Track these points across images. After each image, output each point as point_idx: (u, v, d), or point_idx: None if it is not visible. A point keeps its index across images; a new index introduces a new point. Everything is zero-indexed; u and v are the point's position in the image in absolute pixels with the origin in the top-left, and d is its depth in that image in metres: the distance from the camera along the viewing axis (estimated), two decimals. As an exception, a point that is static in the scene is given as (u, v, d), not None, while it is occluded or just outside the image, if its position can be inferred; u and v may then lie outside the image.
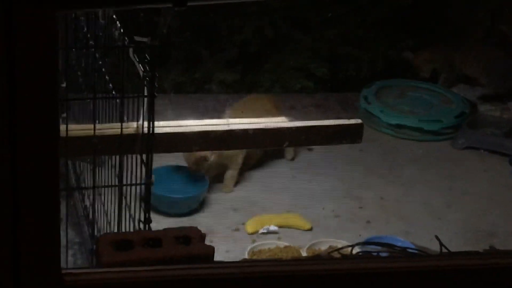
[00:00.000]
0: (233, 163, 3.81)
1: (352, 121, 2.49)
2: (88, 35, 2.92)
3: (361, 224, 3.67)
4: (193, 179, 3.71)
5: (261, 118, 2.48)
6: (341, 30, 4.78)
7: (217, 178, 3.84)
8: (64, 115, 3.73)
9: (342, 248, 2.31)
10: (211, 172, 3.77)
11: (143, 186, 2.48)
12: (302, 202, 3.77)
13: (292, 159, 4.07)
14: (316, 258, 2.11)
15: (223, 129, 2.38)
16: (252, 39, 4.65)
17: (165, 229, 1.93)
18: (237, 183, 3.87)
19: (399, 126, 4.40)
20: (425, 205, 3.84)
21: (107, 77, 2.72)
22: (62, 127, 2.35)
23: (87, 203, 3.23)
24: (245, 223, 3.59)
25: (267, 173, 4.00)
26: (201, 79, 4.60)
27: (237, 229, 3.57)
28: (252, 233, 3.55)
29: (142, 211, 2.44)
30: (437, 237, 2.02)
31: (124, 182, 2.59)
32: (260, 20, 4.66)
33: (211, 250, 1.85)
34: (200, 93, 4.59)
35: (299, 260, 2.00)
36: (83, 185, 3.26)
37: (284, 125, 2.43)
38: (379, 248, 2.19)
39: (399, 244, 2.85)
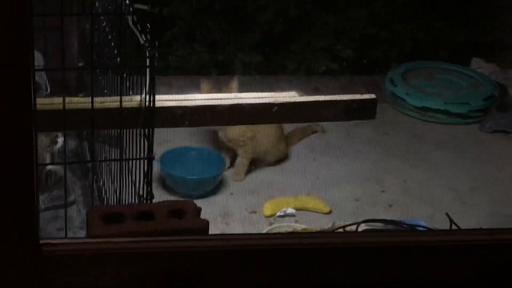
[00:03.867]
0: (242, 150, 3.72)
1: (365, 96, 2.38)
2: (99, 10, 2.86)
3: (382, 208, 3.56)
4: (210, 160, 3.64)
5: (270, 93, 2.39)
6: (368, 10, 4.66)
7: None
8: (82, 94, 3.71)
9: (347, 225, 2.21)
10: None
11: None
12: (322, 185, 3.67)
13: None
14: (312, 232, 2.02)
15: (229, 103, 2.29)
16: (276, 20, 4.56)
17: (158, 202, 1.85)
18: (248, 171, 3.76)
19: (424, 109, 4.28)
20: (450, 190, 3.72)
21: (115, 51, 2.64)
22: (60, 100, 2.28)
23: (100, 183, 3.17)
24: (262, 205, 3.51)
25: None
26: (225, 61, 4.52)
27: (254, 212, 3.49)
28: (269, 216, 3.46)
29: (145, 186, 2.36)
30: (447, 214, 1.92)
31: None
32: (284, 0, 4.57)
33: (205, 224, 1.75)
34: (224, 75, 4.51)
35: (293, 233, 1.92)
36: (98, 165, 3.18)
37: (290, 100, 2.33)
38: (388, 226, 2.10)
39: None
